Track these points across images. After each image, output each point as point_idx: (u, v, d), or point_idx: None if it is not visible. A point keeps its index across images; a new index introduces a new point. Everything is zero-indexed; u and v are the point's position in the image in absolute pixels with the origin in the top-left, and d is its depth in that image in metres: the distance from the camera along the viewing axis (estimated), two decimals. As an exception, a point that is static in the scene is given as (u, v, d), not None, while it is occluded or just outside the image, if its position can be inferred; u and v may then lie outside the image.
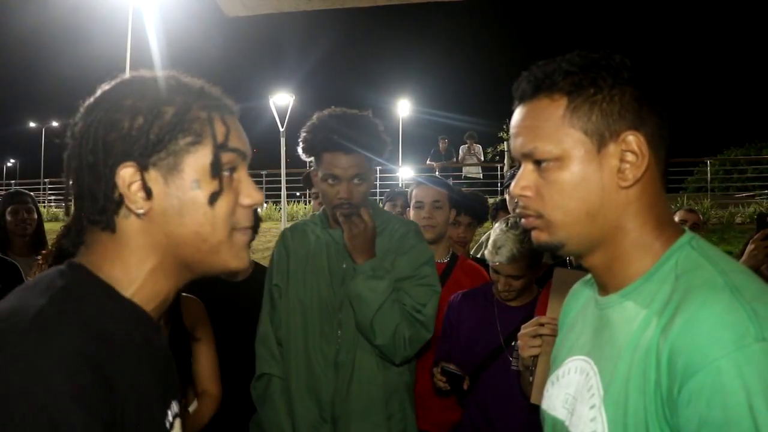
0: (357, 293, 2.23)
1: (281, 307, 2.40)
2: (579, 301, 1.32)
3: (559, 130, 1.07)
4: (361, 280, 2.23)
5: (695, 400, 0.89)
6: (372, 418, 2.30)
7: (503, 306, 2.69)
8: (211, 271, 1.03)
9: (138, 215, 0.96)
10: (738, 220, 14.19)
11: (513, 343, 2.51)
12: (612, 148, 1.06)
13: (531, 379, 1.95)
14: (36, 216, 4.28)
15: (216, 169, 0.98)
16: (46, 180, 29.26)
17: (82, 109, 1.00)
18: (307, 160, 2.40)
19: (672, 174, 18.55)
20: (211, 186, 0.97)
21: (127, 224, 0.97)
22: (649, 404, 0.96)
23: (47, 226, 4.70)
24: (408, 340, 2.26)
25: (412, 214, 3.22)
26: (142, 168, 0.95)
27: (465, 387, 2.54)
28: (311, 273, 2.36)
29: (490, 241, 2.59)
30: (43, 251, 3.18)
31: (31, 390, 0.77)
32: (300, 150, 2.35)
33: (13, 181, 31.72)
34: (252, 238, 1.05)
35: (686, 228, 1.14)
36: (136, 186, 0.95)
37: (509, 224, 2.53)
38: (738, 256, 4.05)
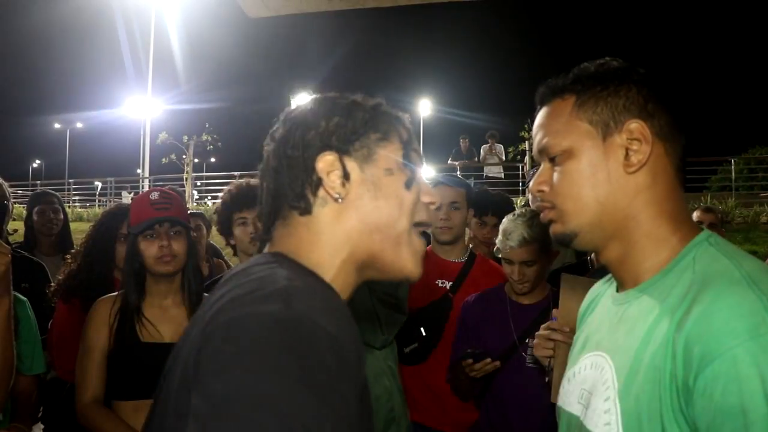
0: None
1: None
2: (597, 300, 1.34)
3: (568, 124, 1.14)
4: None
5: (711, 388, 0.90)
6: None
7: (516, 304, 2.73)
8: (388, 271, 1.08)
9: (336, 200, 1.03)
10: (763, 219, 13.99)
11: (527, 341, 2.53)
12: (618, 139, 1.11)
13: (546, 379, 1.96)
14: (62, 216, 4.38)
15: (408, 158, 1.08)
16: (70, 180, 29.64)
17: (281, 117, 1.11)
18: None
19: (696, 173, 18.35)
20: (404, 174, 1.07)
21: (323, 212, 1.03)
22: (664, 395, 0.97)
23: (72, 226, 4.78)
24: (384, 325, 2.37)
25: (428, 214, 3.23)
26: (341, 155, 1.03)
27: (489, 365, 2.53)
28: None
29: (500, 231, 2.66)
30: (72, 251, 3.24)
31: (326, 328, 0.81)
32: None
33: (38, 182, 32.17)
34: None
35: (704, 227, 1.15)
36: (336, 173, 1.02)
37: (516, 214, 2.63)
38: (763, 257, 4.01)
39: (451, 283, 3.09)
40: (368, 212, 1.03)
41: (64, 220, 4.40)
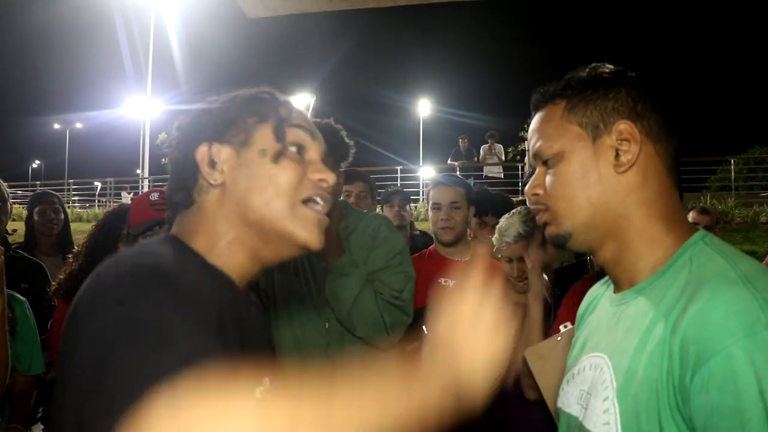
0: (330, 291, 2.36)
1: (269, 309, 2.48)
2: (595, 302, 1.34)
3: (559, 128, 1.17)
4: (331, 278, 2.37)
5: (707, 387, 0.90)
6: None
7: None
8: (283, 247, 1.12)
9: (213, 186, 1.10)
10: (763, 219, 14.00)
11: None
12: (607, 140, 1.12)
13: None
14: (63, 216, 4.39)
15: (279, 135, 1.11)
16: (70, 181, 29.65)
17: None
18: None
19: (695, 173, 18.38)
20: (274, 149, 1.10)
21: (205, 199, 1.11)
22: (661, 394, 0.97)
23: (71, 226, 4.78)
24: (390, 327, 2.39)
25: (429, 215, 3.23)
26: (215, 144, 1.10)
27: None
28: (293, 272, 2.45)
29: (497, 230, 2.69)
30: (73, 250, 3.24)
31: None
32: None
33: (38, 182, 32.18)
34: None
35: (699, 227, 1.16)
36: (211, 160, 1.10)
37: (512, 212, 2.68)
38: (763, 256, 4.01)
39: (454, 282, 3.08)
40: (243, 195, 1.09)
41: (64, 220, 4.40)
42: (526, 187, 1.23)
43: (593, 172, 1.12)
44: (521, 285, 2.65)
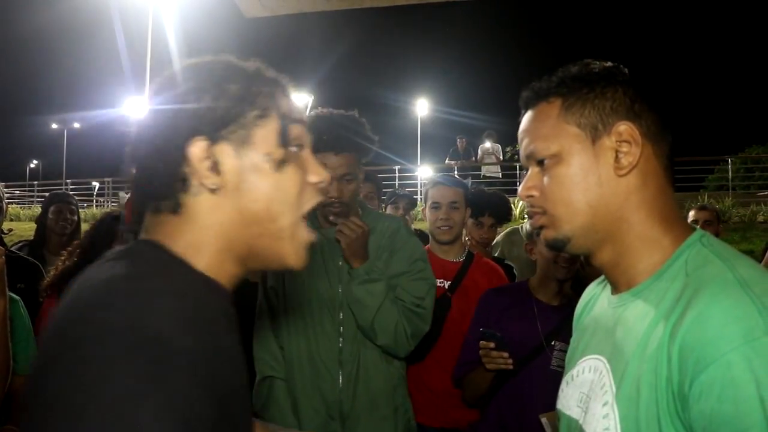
0: (355, 298, 2.29)
1: (279, 309, 2.43)
2: (593, 302, 1.33)
3: (555, 128, 1.13)
4: (357, 284, 2.29)
5: (706, 394, 0.90)
6: (380, 411, 2.34)
7: (543, 304, 2.62)
8: (270, 263, 1.01)
9: (211, 190, 0.94)
10: (760, 218, 14.03)
11: (552, 343, 2.50)
12: (607, 141, 1.10)
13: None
14: (77, 218, 4.50)
15: (283, 138, 0.98)
16: (68, 181, 29.58)
17: (145, 101, 0.99)
18: None
19: (692, 172, 18.41)
20: (279, 154, 0.97)
21: (197, 202, 0.95)
22: (660, 400, 0.96)
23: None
24: (410, 335, 2.34)
25: (428, 215, 3.23)
26: (213, 142, 0.93)
27: (502, 360, 2.40)
28: (308, 274, 2.38)
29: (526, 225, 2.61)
30: (68, 248, 3.24)
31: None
32: None
33: (35, 182, 32.11)
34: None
35: (698, 227, 1.15)
36: (208, 161, 0.93)
37: None
38: (759, 256, 4.02)
39: (449, 282, 3.10)
40: (247, 204, 0.95)
41: (77, 222, 4.51)
42: (520, 189, 1.19)
43: (593, 174, 1.10)
44: (563, 272, 2.57)
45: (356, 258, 2.32)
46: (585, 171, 1.10)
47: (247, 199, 0.95)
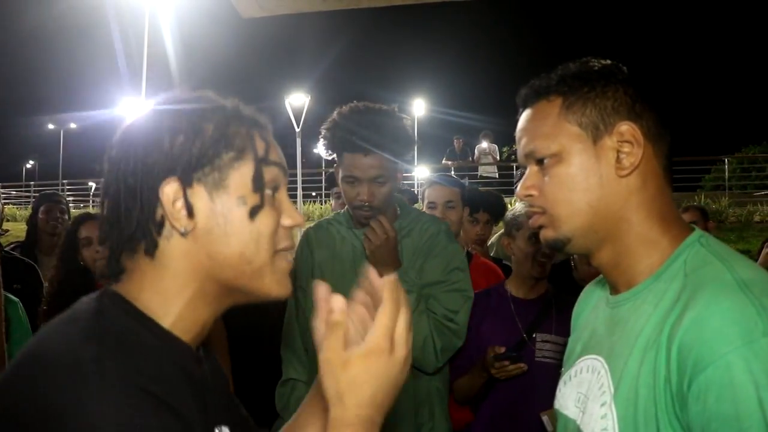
0: None
1: (307, 309, 2.27)
2: (591, 302, 1.33)
3: (556, 127, 1.12)
4: None
5: (705, 395, 0.90)
6: (401, 428, 2.19)
7: (519, 300, 2.68)
8: (253, 298, 0.99)
9: (182, 234, 0.91)
10: (757, 218, 14.07)
11: (534, 335, 2.54)
12: (608, 141, 1.09)
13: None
14: (67, 218, 4.47)
15: (258, 182, 0.95)
16: (64, 181, 29.55)
17: (117, 135, 0.96)
18: (328, 157, 2.30)
19: (689, 172, 18.43)
20: (253, 200, 0.94)
21: (169, 247, 0.92)
22: (659, 400, 0.96)
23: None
24: (440, 351, 2.18)
25: (424, 214, 3.21)
26: (186, 183, 0.91)
27: (515, 368, 2.42)
28: (338, 274, 2.22)
29: (517, 208, 2.63)
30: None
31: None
32: (321, 146, 2.25)
33: (32, 183, 32.04)
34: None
35: (695, 227, 1.14)
36: (180, 203, 0.91)
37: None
38: (756, 255, 4.01)
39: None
40: (219, 248, 0.92)
41: (68, 222, 4.44)
42: (519, 188, 1.18)
43: (594, 175, 1.09)
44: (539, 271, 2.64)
45: (382, 266, 2.04)
46: (586, 171, 1.09)
47: (219, 243, 0.93)
